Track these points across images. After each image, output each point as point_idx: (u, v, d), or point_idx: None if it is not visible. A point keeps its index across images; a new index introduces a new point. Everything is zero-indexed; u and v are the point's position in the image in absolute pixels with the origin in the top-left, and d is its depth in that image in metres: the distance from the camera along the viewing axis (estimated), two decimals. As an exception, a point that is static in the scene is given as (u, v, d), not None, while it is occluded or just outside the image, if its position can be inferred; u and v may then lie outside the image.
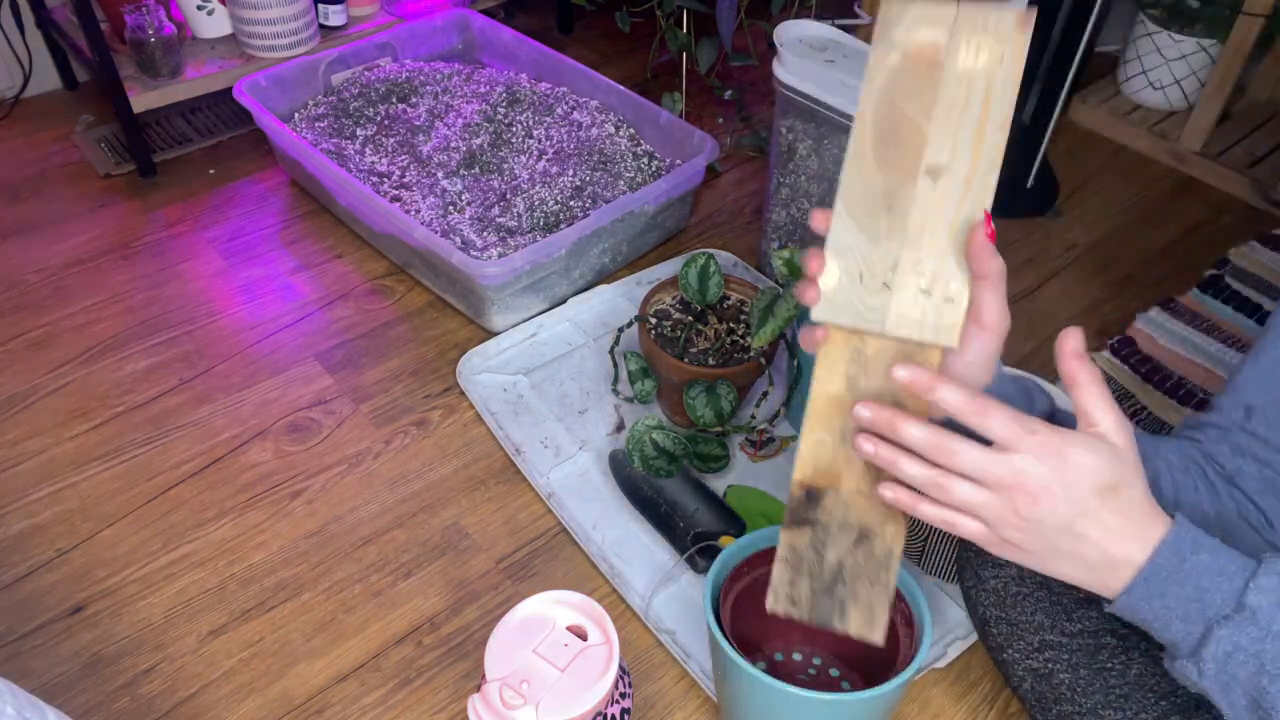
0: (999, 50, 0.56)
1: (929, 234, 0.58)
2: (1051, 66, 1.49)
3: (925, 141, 0.58)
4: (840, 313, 0.60)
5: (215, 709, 0.94)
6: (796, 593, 0.64)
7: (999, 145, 0.58)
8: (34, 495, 1.12)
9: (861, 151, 0.59)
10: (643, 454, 1.07)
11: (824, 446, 0.62)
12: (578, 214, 1.40)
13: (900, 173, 0.58)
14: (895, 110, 0.58)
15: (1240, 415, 0.69)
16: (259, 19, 1.59)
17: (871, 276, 0.59)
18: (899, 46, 0.58)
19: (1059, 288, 1.48)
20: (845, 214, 0.59)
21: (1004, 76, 0.57)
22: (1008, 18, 0.56)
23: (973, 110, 0.57)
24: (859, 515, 0.62)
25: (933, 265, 0.58)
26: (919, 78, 0.58)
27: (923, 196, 0.58)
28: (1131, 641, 0.77)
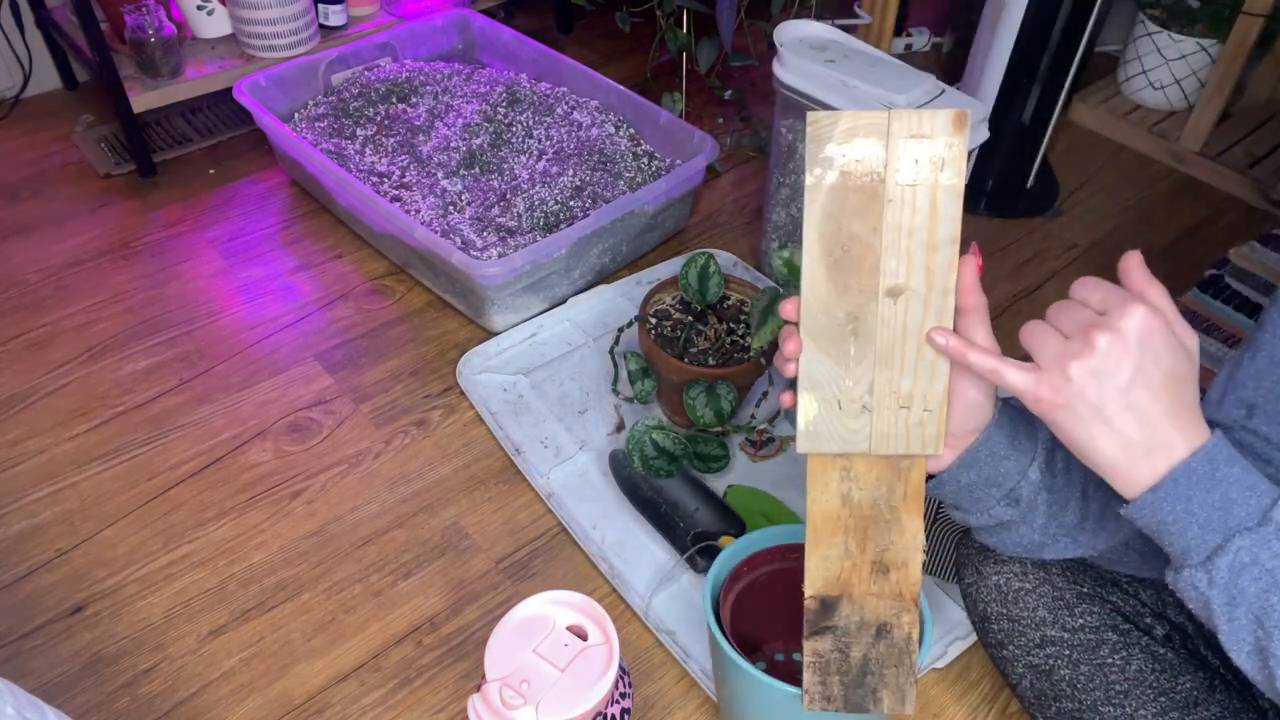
0: (939, 155, 0.55)
1: (899, 353, 0.59)
2: (1051, 66, 1.49)
3: (879, 260, 0.57)
4: (825, 443, 0.61)
5: (215, 709, 0.94)
6: (829, 691, 0.67)
7: (950, 261, 0.57)
8: (34, 495, 1.12)
9: (816, 280, 0.58)
10: (643, 454, 1.07)
11: (830, 561, 0.64)
12: (578, 214, 1.40)
13: (860, 296, 0.58)
14: (843, 232, 0.57)
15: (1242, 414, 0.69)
16: (259, 19, 1.59)
17: (849, 402, 0.60)
18: (835, 164, 0.56)
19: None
20: (813, 348, 0.59)
21: (946, 182, 0.56)
22: (941, 119, 0.54)
23: (920, 225, 0.56)
24: (874, 613, 0.65)
25: (908, 383, 0.59)
26: (861, 196, 0.56)
27: (886, 317, 0.58)
28: (1132, 638, 0.77)
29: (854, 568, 0.64)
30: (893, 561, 0.64)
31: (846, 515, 0.63)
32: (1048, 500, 0.65)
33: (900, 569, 0.64)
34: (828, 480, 0.62)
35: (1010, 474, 0.65)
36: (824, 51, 1.27)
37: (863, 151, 0.56)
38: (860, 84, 1.21)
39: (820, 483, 0.62)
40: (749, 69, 1.94)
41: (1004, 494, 0.66)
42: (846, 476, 0.62)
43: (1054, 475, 0.65)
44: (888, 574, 0.63)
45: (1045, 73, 1.49)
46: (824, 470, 0.62)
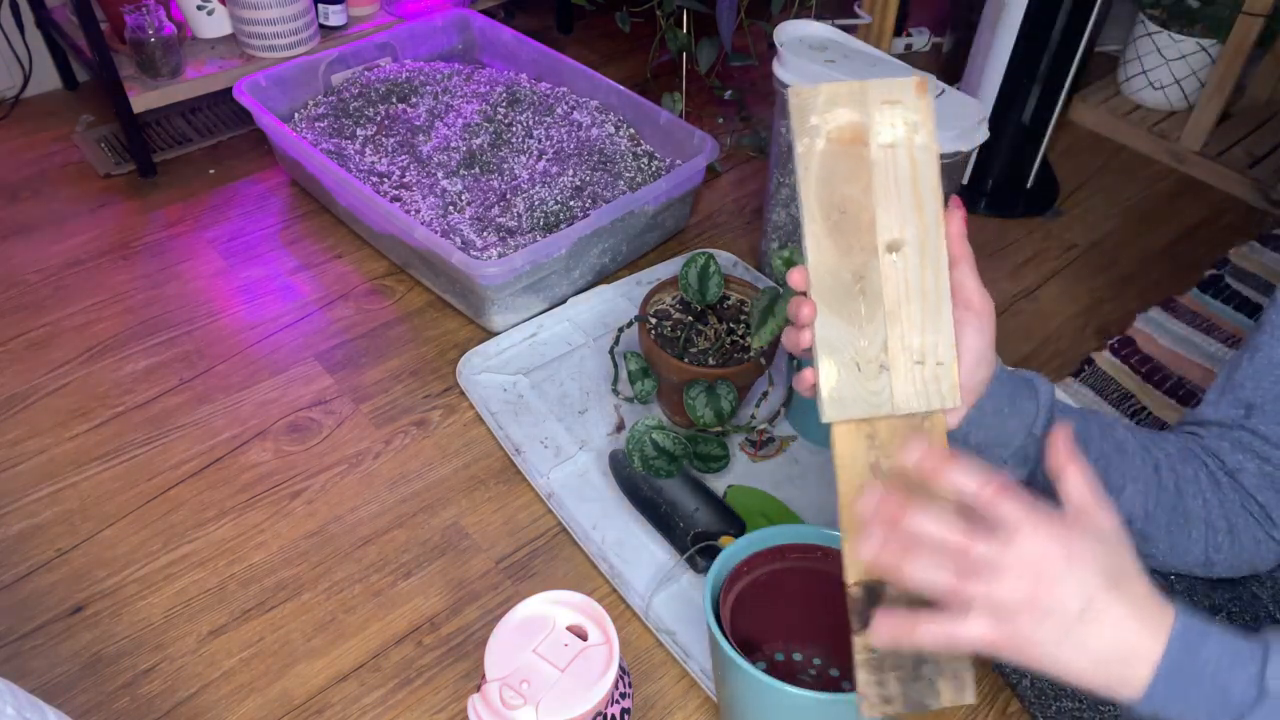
0: (911, 118, 0.60)
1: (905, 307, 0.61)
2: (1051, 66, 1.49)
3: (874, 218, 0.60)
4: (849, 408, 0.61)
5: (215, 709, 0.94)
6: (886, 691, 0.63)
7: (936, 210, 0.60)
8: (34, 495, 1.12)
9: (819, 243, 0.60)
10: (643, 454, 1.07)
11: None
12: (578, 214, 1.40)
13: (863, 254, 0.61)
14: (838, 194, 0.60)
15: (1240, 413, 0.69)
16: (259, 19, 1.59)
17: (867, 363, 0.61)
18: (822, 131, 0.60)
19: (1059, 288, 1.48)
20: (825, 310, 0.61)
21: (921, 143, 0.60)
22: (908, 85, 0.60)
23: (904, 179, 0.60)
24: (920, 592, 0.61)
25: (918, 337, 0.61)
26: (850, 158, 0.60)
27: (890, 272, 0.61)
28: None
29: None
30: None
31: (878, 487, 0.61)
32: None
33: None
34: (855, 451, 0.62)
35: (1016, 432, 0.66)
36: (824, 51, 1.27)
37: (845, 118, 0.60)
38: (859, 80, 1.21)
39: (848, 455, 0.62)
40: (749, 69, 1.94)
41: (1012, 452, 0.66)
42: (873, 444, 0.62)
43: None
44: None
45: (1045, 73, 1.49)
46: (850, 441, 0.62)
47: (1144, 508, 0.67)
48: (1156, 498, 0.67)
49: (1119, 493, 0.66)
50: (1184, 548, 0.68)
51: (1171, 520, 0.67)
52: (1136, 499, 0.67)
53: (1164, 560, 0.70)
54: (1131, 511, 0.67)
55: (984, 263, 1.50)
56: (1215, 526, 0.68)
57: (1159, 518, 0.67)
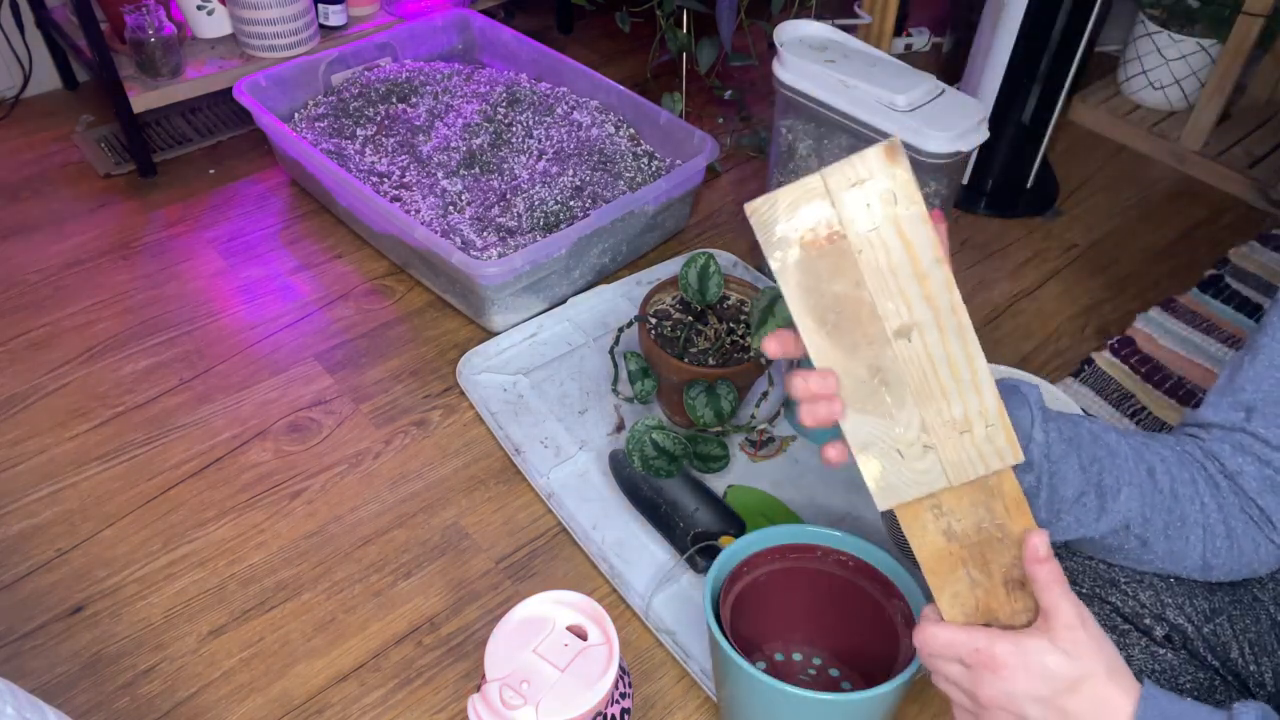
0: (886, 190, 0.54)
1: (935, 384, 0.57)
2: (1051, 66, 1.49)
3: (874, 307, 0.56)
4: (902, 492, 0.59)
5: (215, 709, 0.94)
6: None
7: (944, 280, 0.55)
8: (34, 495, 1.12)
9: (822, 351, 0.57)
10: (643, 454, 1.07)
11: (961, 597, 0.61)
12: (578, 214, 1.40)
13: (872, 346, 0.57)
14: (827, 296, 0.56)
15: (1241, 416, 0.69)
16: (259, 19, 1.59)
17: (909, 447, 0.58)
18: (793, 240, 0.55)
19: (1059, 288, 1.48)
20: (851, 411, 0.58)
21: (907, 212, 0.54)
22: (872, 156, 0.53)
23: (899, 260, 0.55)
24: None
25: (958, 408, 0.57)
26: (830, 257, 0.55)
27: (907, 356, 0.57)
28: (1132, 638, 0.77)
29: (987, 593, 0.61)
30: (1024, 575, 0.60)
31: (957, 549, 0.60)
32: (1049, 470, 0.65)
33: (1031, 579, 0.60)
34: (923, 524, 0.60)
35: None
36: (824, 51, 1.27)
37: (813, 218, 0.55)
38: (860, 84, 1.21)
39: (916, 528, 0.60)
40: (749, 69, 1.94)
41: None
42: (940, 514, 0.60)
43: (1051, 442, 0.65)
44: (1024, 588, 0.60)
45: (1045, 73, 1.49)
46: (914, 517, 0.60)
47: (1140, 512, 0.67)
48: (1152, 501, 0.67)
49: (1114, 496, 0.66)
50: (1181, 551, 0.68)
51: (1168, 524, 0.67)
52: (1132, 503, 0.67)
53: (1162, 564, 0.70)
54: (1128, 516, 0.67)
55: (984, 263, 1.51)
56: (1213, 530, 0.68)
57: (1155, 521, 0.67)
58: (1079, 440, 0.67)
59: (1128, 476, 0.67)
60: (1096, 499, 0.66)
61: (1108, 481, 0.66)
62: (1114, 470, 0.67)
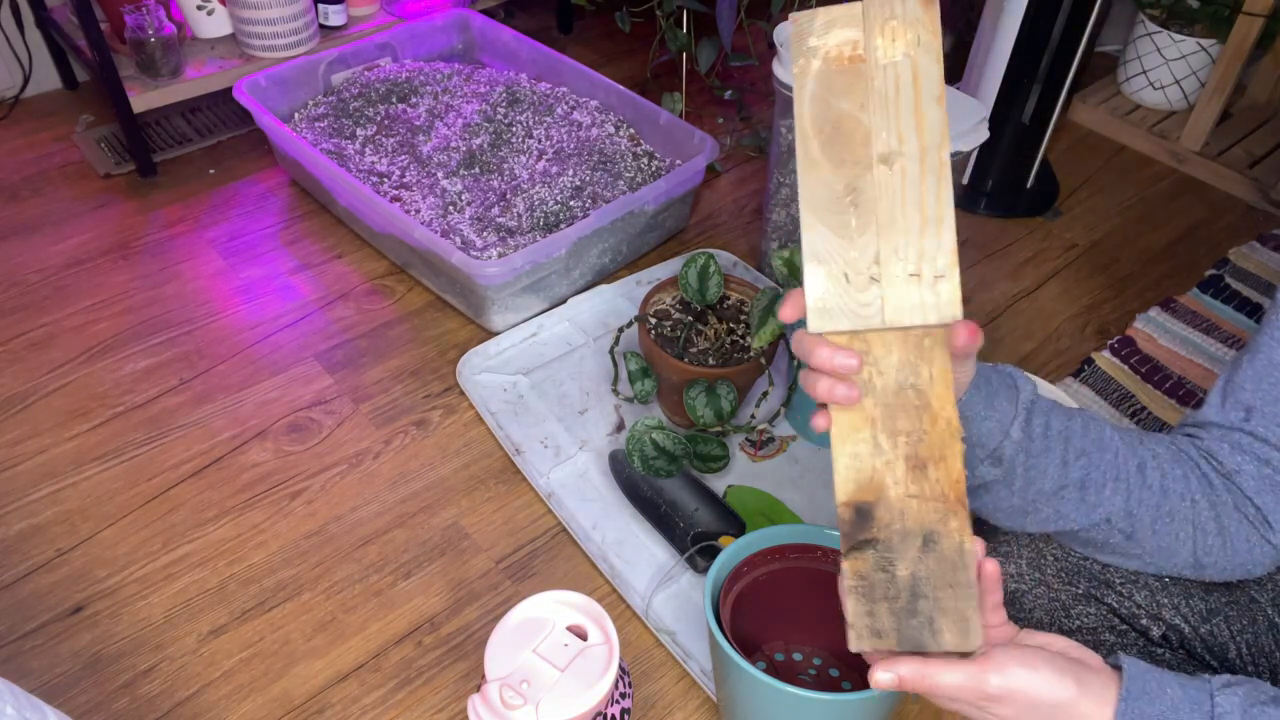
0: (913, 33, 0.58)
1: (900, 218, 0.58)
2: (1051, 66, 1.49)
3: (869, 132, 0.58)
4: (836, 319, 0.58)
5: (215, 709, 0.94)
6: (878, 623, 0.58)
7: (940, 119, 0.58)
8: (34, 495, 1.12)
9: (811, 157, 0.59)
10: (643, 454, 1.07)
11: (860, 458, 0.58)
12: (578, 214, 1.40)
13: (855, 167, 0.58)
14: (832, 110, 0.59)
15: (1240, 416, 0.69)
16: (259, 19, 1.59)
17: (857, 274, 0.58)
18: (818, 52, 0.59)
19: (1059, 288, 1.48)
20: (814, 221, 0.59)
21: (925, 54, 0.58)
22: (912, 3, 0.57)
23: (905, 93, 0.58)
24: (916, 519, 0.58)
25: (914, 248, 0.57)
26: (845, 76, 0.59)
27: (883, 183, 0.58)
28: (1129, 639, 0.77)
29: (887, 465, 0.58)
30: (929, 455, 0.58)
31: (871, 405, 0.58)
32: (1025, 463, 0.66)
33: (939, 464, 0.58)
34: None
35: (993, 433, 0.65)
36: (824, 51, 1.27)
37: (843, 37, 0.59)
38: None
39: None
40: (749, 69, 1.94)
41: (988, 454, 0.66)
42: (866, 360, 0.58)
43: (1032, 438, 0.66)
44: (925, 470, 0.58)
45: (1045, 73, 1.49)
46: None
47: (1125, 507, 0.67)
48: (1140, 496, 0.67)
49: (1098, 490, 0.67)
50: (1171, 548, 0.68)
51: (1156, 519, 0.68)
52: (1117, 498, 0.67)
53: (1151, 561, 0.70)
54: (1110, 511, 0.67)
55: (984, 263, 1.51)
56: (1204, 528, 0.68)
57: (1142, 516, 0.67)
58: (1069, 434, 0.67)
59: (1115, 472, 0.67)
60: (1078, 492, 0.67)
61: (1093, 476, 0.67)
62: (1101, 465, 0.67)
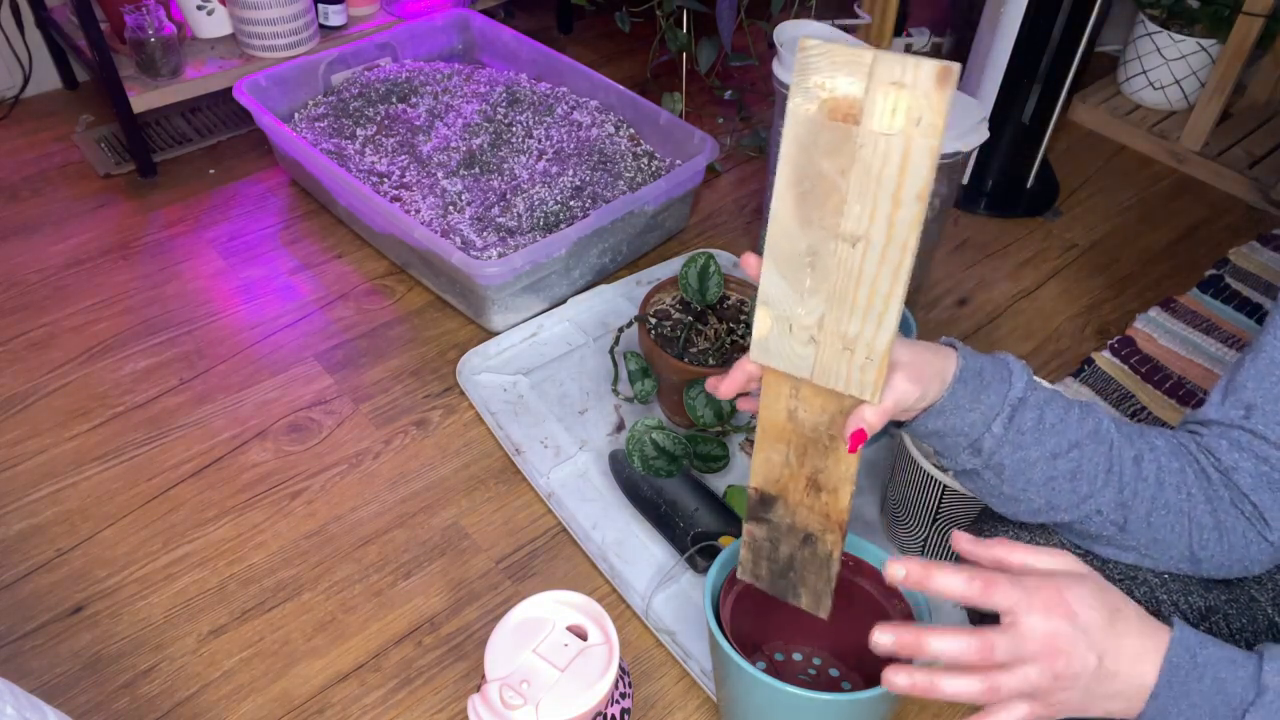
0: (916, 110, 0.52)
1: (850, 295, 0.59)
2: (1051, 66, 1.49)
3: (844, 202, 0.57)
4: (773, 358, 0.63)
5: (215, 709, 0.94)
6: (758, 571, 0.75)
7: (914, 216, 0.55)
8: (34, 495, 1.12)
9: (785, 208, 0.59)
10: (643, 454, 1.07)
11: (772, 463, 0.68)
12: (578, 214, 1.40)
13: (821, 232, 0.58)
14: (814, 166, 0.57)
15: (1241, 413, 0.69)
16: (259, 19, 1.59)
17: (800, 329, 0.61)
18: (816, 96, 0.55)
19: (1059, 288, 1.48)
20: (773, 268, 0.61)
21: (921, 142, 0.53)
22: (926, 71, 0.51)
23: (889, 174, 0.55)
24: (803, 522, 0.70)
25: (855, 326, 0.60)
26: (836, 133, 0.55)
27: (842, 259, 0.59)
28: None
29: (791, 477, 0.68)
30: (825, 484, 0.67)
31: (790, 429, 0.66)
32: (1011, 456, 0.67)
33: (830, 493, 0.68)
34: (779, 393, 0.65)
35: (975, 426, 0.67)
36: (824, 51, 1.27)
37: (844, 89, 0.54)
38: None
39: (772, 393, 0.65)
40: (749, 69, 1.94)
41: (969, 444, 0.68)
42: (795, 395, 0.65)
43: (1023, 432, 0.67)
44: (819, 493, 0.68)
45: (1045, 73, 1.49)
46: (776, 383, 0.65)
47: (1117, 498, 0.68)
48: (1134, 489, 0.68)
49: (1090, 482, 0.67)
50: (1166, 541, 0.69)
51: (1151, 511, 0.68)
52: (1109, 490, 0.67)
53: (1146, 554, 0.70)
54: (1103, 502, 0.68)
55: (984, 263, 1.51)
56: (1200, 523, 0.68)
57: (1137, 509, 0.68)
58: (1064, 427, 0.67)
59: (1109, 464, 0.67)
60: (1069, 484, 0.68)
61: (1085, 468, 0.67)
62: (1095, 458, 0.67)
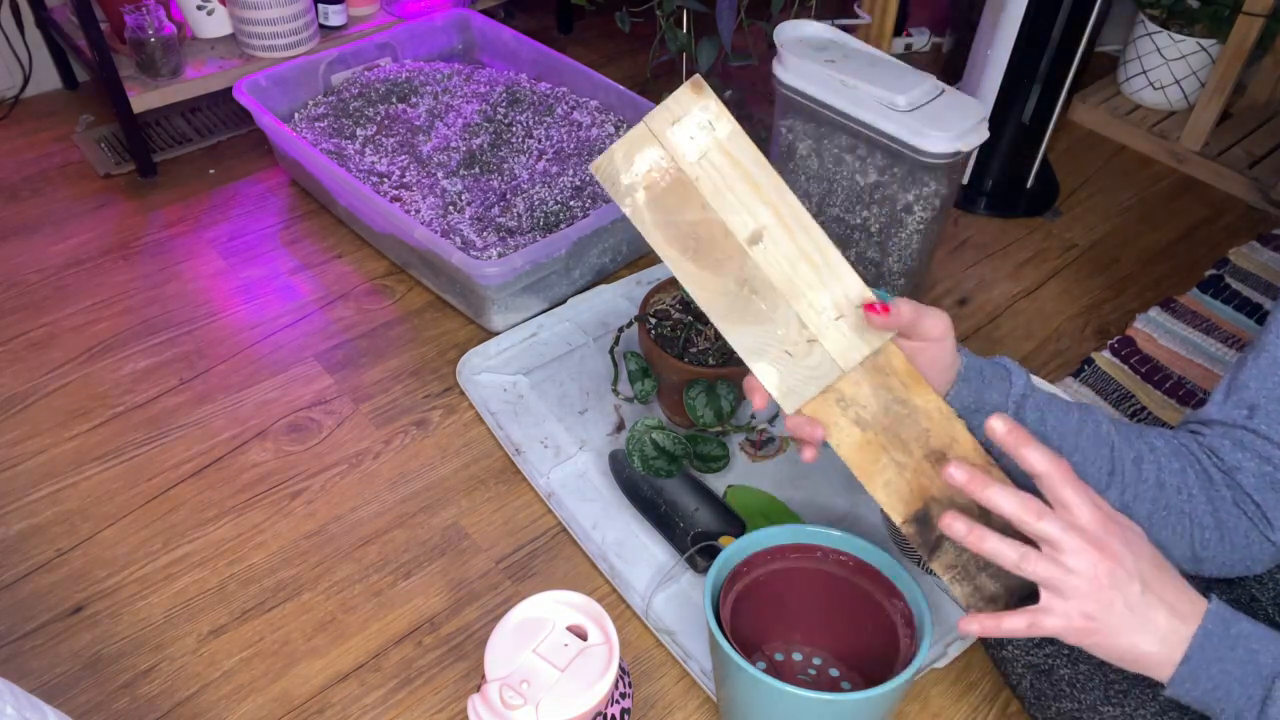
0: (702, 120, 0.60)
1: (796, 278, 0.61)
2: (1051, 66, 1.49)
3: (723, 223, 0.61)
4: (802, 394, 0.63)
5: (215, 709, 0.94)
6: (986, 591, 0.66)
7: (773, 180, 0.60)
8: (34, 495, 1.12)
9: (691, 274, 0.61)
10: (643, 454, 1.07)
11: (892, 483, 0.64)
12: (578, 214, 1.40)
13: (733, 261, 0.61)
14: (682, 225, 0.61)
15: (1243, 413, 0.69)
16: (259, 19, 1.59)
17: (795, 345, 0.62)
18: (636, 187, 0.61)
19: (1059, 288, 1.48)
20: (732, 326, 0.62)
21: (726, 133, 0.60)
22: (682, 94, 0.59)
23: (733, 178, 0.60)
24: (965, 499, 0.64)
25: (826, 297, 0.61)
26: (674, 191, 0.60)
27: (765, 259, 0.61)
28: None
29: (916, 472, 0.64)
30: (941, 443, 0.63)
31: (873, 436, 0.63)
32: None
33: (952, 445, 0.64)
34: (834, 419, 0.63)
35: (978, 428, 0.67)
36: (824, 51, 1.27)
37: (647, 163, 0.60)
38: (860, 84, 1.21)
39: (831, 426, 0.63)
40: (749, 69, 1.94)
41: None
42: (845, 405, 0.63)
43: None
44: (946, 457, 0.63)
45: (1045, 73, 1.49)
46: (825, 414, 0.63)
47: (1119, 500, 0.68)
48: (1135, 490, 0.68)
49: (1094, 483, 0.68)
50: (1168, 541, 0.69)
51: (1152, 513, 0.68)
52: (1110, 491, 0.68)
53: None
54: None
55: (984, 263, 1.51)
56: (1201, 523, 0.68)
57: (1137, 510, 0.68)
58: (1064, 429, 0.68)
59: (1110, 466, 0.68)
60: None
61: (1088, 471, 0.68)
62: (1096, 460, 0.68)
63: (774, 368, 0.62)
